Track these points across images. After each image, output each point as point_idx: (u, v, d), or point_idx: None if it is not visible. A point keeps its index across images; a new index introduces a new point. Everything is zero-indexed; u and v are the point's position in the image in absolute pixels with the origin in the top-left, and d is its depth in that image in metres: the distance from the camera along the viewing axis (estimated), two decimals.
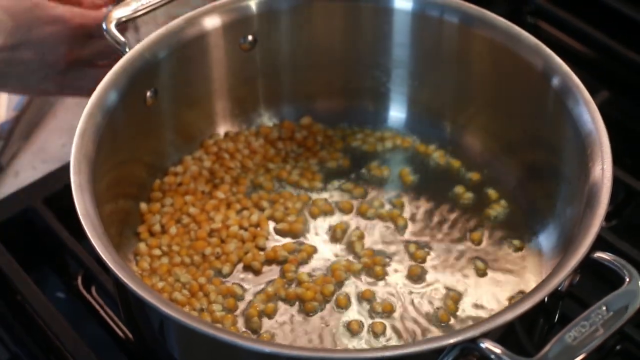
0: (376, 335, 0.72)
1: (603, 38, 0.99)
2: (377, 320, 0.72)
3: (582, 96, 0.72)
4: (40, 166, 0.94)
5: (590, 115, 0.70)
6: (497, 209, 0.80)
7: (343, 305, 0.73)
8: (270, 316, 0.73)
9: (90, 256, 0.80)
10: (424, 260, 0.77)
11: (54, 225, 0.83)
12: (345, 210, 0.81)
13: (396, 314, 0.73)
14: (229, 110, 0.85)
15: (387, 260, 0.77)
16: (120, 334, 0.80)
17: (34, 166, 0.94)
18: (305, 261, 0.77)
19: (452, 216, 0.80)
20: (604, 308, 0.59)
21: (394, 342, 0.71)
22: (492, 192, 0.81)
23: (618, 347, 0.77)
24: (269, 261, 0.77)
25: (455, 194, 0.82)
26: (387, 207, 0.81)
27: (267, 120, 0.87)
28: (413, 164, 0.84)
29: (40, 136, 0.98)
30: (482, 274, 0.75)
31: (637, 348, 0.75)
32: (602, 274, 0.65)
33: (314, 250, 0.78)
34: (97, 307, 0.82)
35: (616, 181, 0.73)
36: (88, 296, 0.82)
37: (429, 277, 0.75)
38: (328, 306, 0.74)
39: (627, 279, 0.61)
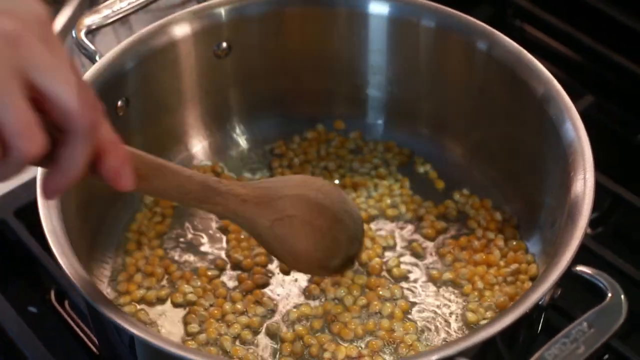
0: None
1: (588, 41, 0.98)
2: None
3: (563, 103, 0.71)
4: None
5: (572, 124, 0.69)
6: (479, 219, 0.78)
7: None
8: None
9: (62, 270, 0.78)
10: (405, 278, 0.75)
11: (25, 238, 0.81)
12: None
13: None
14: (202, 119, 0.84)
15: (367, 276, 0.75)
16: (94, 349, 0.78)
17: None
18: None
19: (432, 228, 0.78)
20: (585, 324, 0.58)
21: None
22: (473, 201, 0.80)
23: (605, 358, 0.76)
24: None
25: (433, 203, 0.80)
26: (363, 214, 0.79)
27: (239, 129, 0.85)
28: (390, 171, 0.82)
29: None
30: (466, 285, 0.74)
31: None
32: (587, 283, 0.63)
33: None
34: (70, 321, 0.80)
35: (601, 188, 0.71)
36: (61, 310, 0.81)
37: (410, 290, 0.74)
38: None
39: (610, 294, 0.60)
